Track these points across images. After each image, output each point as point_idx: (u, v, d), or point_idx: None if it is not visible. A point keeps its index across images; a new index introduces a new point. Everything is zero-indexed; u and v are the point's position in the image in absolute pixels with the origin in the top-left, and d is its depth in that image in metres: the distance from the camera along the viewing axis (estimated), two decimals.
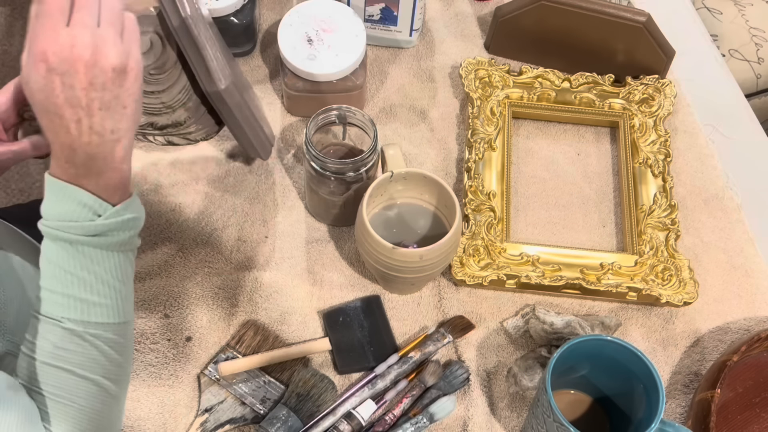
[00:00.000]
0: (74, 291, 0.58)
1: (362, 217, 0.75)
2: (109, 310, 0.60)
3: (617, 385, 0.72)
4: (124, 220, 0.59)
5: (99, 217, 0.58)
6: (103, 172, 0.58)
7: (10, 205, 1.47)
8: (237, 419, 0.76)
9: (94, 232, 0.58)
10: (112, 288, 0.60)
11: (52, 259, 0.58)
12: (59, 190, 0.57)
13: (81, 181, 0.57)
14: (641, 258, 0.84)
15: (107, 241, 0.59)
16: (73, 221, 0.57)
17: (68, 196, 0.57)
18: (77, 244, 0.57)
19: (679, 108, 0.98)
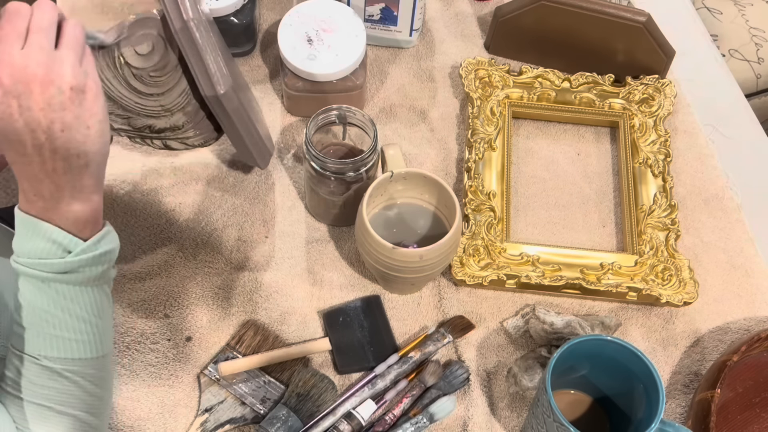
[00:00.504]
0: (49, 329, 0.58)
1: (362, 217, 0.75)
2: (86, 345, 0.59)
3: (617, 385, 0.72)
4: (96, 255, 0.58)
5: (69, 254, 0.57)
6: (71, 204, 0.57)
7: (10, 205, 1.47)
8: (237, 419, 0.76)
9: (64, 269, 0.57)
10: (87, 323, 0.59)
11: (26, 296, 0.57)
12: (28, 225, 0.56)
13: (50, 215, 0.56)
14: (641, 258, 0.84)
15: (79, 278, 0.58)
16: (43, 258, 0.56)
17: (37, 232, 0.56)
18: (48, 281, 0.57)
19: (679, 108, 0.98)
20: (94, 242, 0.58)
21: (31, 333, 0.58)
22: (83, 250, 0.57)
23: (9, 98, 0.53)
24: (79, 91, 0.55)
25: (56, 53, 0.55)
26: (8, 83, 0.53)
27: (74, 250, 0.57)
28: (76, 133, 0.55)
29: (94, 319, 0.59)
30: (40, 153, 0.54)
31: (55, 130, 0.54)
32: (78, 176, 0.56)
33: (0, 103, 0.53)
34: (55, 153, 0.55)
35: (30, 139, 0.54)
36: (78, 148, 0.55)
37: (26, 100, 0.53)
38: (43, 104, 0.53)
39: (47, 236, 0.56)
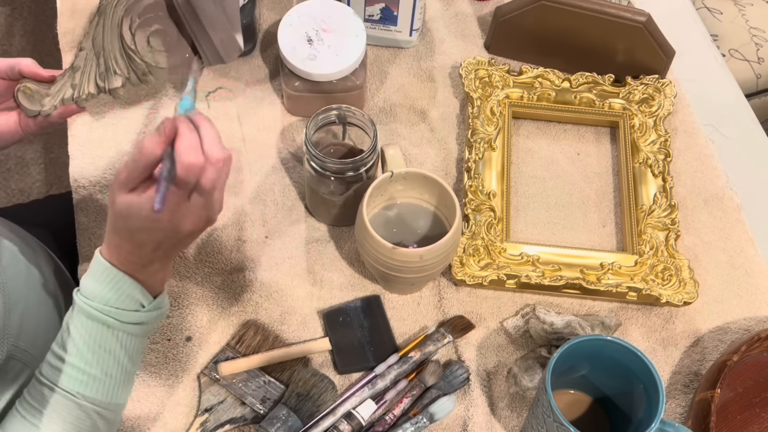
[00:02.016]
0: (95, 371, 0.61)
1: (362, 217, 0.75)
2: (117, 390, 0.63)
3: (617, 385, 0.72)
4: (161, 312, 0.63)
5: (143, 308, 0.61)
6: (156, 273, 0.62)
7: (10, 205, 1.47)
8: (237, 419, 0.76)
9: (137, 320, 0.61)
10: (124, 370, 0.63)
11: (82, 335, 0.61)
12: (112, 275, 0.60)
13: (136, 273, 0.61)
14: (641, 258, 0.84)
15: (142, 330, 0.63)
16: (119, 308, 0.60)
17: (120, 285, 0.60)
18: (115, 329, 0.61)
19: (679, 108, 0.98)
20: (161, 299, 0.63)
21: (75, 371, 0.61)
22: (153, 306, 0.62)
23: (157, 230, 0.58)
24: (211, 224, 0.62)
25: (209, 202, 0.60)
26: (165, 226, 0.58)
27: (147, 305, 0.62)
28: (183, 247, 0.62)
29: (130, 366, 0.64)
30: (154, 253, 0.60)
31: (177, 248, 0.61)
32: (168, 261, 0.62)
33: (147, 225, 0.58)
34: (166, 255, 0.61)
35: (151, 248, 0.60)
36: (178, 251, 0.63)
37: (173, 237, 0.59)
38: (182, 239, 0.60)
39: (129, 291, 0.61)
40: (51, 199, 1.11)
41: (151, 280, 0.62)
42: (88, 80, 0.75)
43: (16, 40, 1.99)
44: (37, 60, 0.75)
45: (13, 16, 2.04)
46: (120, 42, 0.76)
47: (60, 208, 0.94)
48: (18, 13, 2.05)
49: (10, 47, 1.98)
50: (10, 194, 1.78)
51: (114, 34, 0.75)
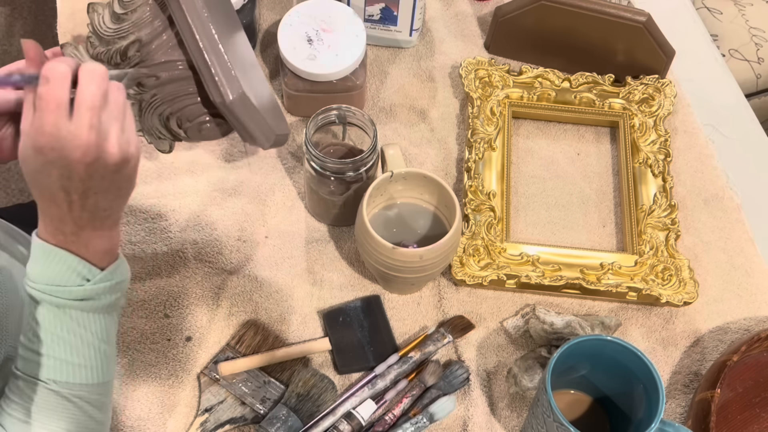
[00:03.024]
0: (60, 353, 0.58)
1: (362, 217, 0.75)
2: (93, 371, 0.60)
3: (617, 385, 0.72)
4: (112, 284, 0.59)
5: (88, 282, 0.58)
6: (91, 239, 0.57)
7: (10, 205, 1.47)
8: (237, 419, 0.76)
9: (82, 296, 0.58)
10: (96, 350, 0.60)
11: (38, 320, 0.58)
12: (47, 253, 0.57)
13: (69, 246, 0.57)
14: (641, 258, 0.84)
15: (95, 305, 0.59)
16: (61, 285, 0.57)
17: (57, 260, 0.57)
18: (64, 307, 0.57)
19: (679, 108, 0.98)
20: (111, 271, 0.59)
21: (42, 357, 0.58)
22: (101, 278, 0.58)
23: (50, 167, 0.53)
24: (122, 163, 0.55)
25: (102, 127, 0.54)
26: (54, 157, 0.52)
27: (93, 278, 0.58)
28: (108, 194, 0.56)
29: (103, 345, 0.60)
30: (70, 207, 0.55)
31: (89, 194, 0.55)
32: (100, 221, 0.57)
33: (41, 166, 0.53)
34: (83, 208, 0.56)
35: (62, 197, 0.55)
36: (105, 205, 0.57)
37: (68, 171, 0.53)
38: (84, 176, 0.54)
39: (67, 264, 0.57)
40: None
41: (89, 250, 0.57)
42: None
43: (16, 40, 1.99)
44: None
45: (13, 16, 2.04)
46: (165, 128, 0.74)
47: None
48: (18, 13, 2.05)
49: (10, 47, 1.98)
50: (10, 194, 1.78)
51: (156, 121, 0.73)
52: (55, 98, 0.52)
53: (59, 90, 0.52)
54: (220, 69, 0.69)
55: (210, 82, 0.70)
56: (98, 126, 0.53)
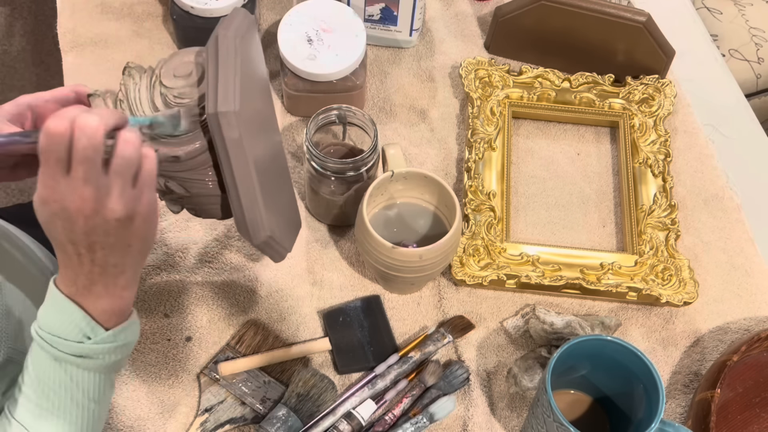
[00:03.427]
0: (47, 405, 0.58)
1: (362, 217, 0.75)
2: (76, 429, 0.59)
3: (617, 385, 0.72)
4: (115, 346, 0.58)
5: (88, 340, 0.57)
6: (101, 297, 0.57)
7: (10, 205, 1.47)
8: (237, 419, 0.76)
9: (80, 353, 0.57)
10: (84, 409, 0.59)
11: (35, 365, 0.58)
12: (57, 302, 0.57)
13: (80, 299, 0.57)
14: (641, 258, 0.84)
15: (93, 364, 0.58)
16: (62, 338, 0.57)
17: (63, 312, 0.57)
18: (61, 360, 0.57)
19: (679, 108, 0.98)
20: (115, 333, 0.58)
21: (29, 402, 0.58)
22: (103, 339, 0.58)
23: (54, 218, 0.53)
24: (126, 219, 0.54)
25: (103, 182, 0.53)
26: (55, 208, 0.53)
27: (94, 337, 0.57)
28: (116, 251, 0.55)
29: (92, 405, 0.60)
30: (80, 260, 0.55)
31: (96, 248, 0.54)
32: (112, 279, 0.57)
33: (46, 218, 0.54)
34: (93, 262, 0.55)
35: (71, 249, 0.55)
36: (115, 261, 0.56)
37: (70, 224, 0.53)
38: (86, 229, 0.53)
39: (71, 318, 0.57)
40: None
41: (97, 308, 0.57)
42: None
43: (16, 40, 1.99)
44: (37, 60, 0.74)
45: (13, 16, 2.04)
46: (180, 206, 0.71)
47: None
48: (18, 13, 2.05)
49: (10, 47, 1.98)
50: (10, 194, 1.78)
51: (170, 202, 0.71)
52: (53, 154, 0.52)
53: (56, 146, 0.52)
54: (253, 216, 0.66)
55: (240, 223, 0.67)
56: (95, 180, 0.52)
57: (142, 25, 1.01)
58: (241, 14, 0.63)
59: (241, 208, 0.66)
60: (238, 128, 0.62)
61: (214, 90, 0.61)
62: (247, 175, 0.64)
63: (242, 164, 0.64)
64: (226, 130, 0.62)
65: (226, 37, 0.62)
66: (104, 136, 0.52)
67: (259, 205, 0.66)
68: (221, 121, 0.61)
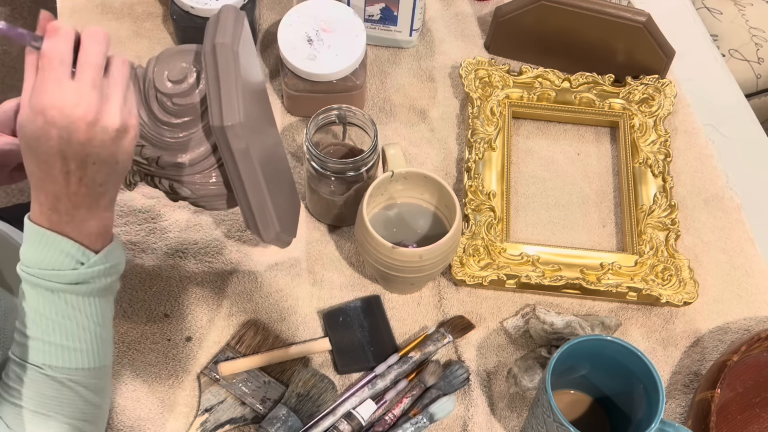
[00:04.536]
0: (55, 338, 0.58)
1: (362, 217, 0.75)
2: (89, 355, 0.59)
3: (617, 385, 0.72)
4: (107, 267, 0.58)
5: (82, 266, 0.57)
6: (86, 221, 0.57)
7: (10, 205, 1.47)
8: (237, 419, 0.76)
9: (76, 280, 0.57)
10: (92, 333, 0.59)
11: (32, 304, 0.57)
12: (40, 236, 0.56)
13: (63, 228, 0.56)
14: (641, 258, 0.84)
15: (89, 288, 0.58)
16: (55, 269, 0.56)
17: (50, 244, 0.56)
18: (58, 291, 0.57)
19: (679, 108, 0.98)
20: (105, 254, 0.58)
21: (36, 342, 0.58)
22: (95, 261, 0.58)
23: (50, 127, 0.52)
24: (122, 131, 0.55)
25: (106, 91, 0.54)
26: (54, 115, 0.52)
27: (87, 261, 0.57)
28: (105, 167, 0.55)
29: (98, 329, 0.60)
30: (66, 178, 0.54)
31: (87, 162, 0.54)
32: (95, 199, 0.57)
33: (40, 128, 0.52)
34: (81, 181, 0.55)
35: (60, 165, 0.54)
36: (103, 179, 0.56)
37: (68, 134, 0.52)
38: (84, 140, 0.53)
39: (61, 248, 0.56)
40: None
41: (83, 232, 0.56)
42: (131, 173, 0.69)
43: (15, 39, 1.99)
44: None
45: (13, 16, 2.04)
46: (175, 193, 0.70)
47: None
48: (18, 13, 2.05)
49: (11, 47, 1.98)
50: (10, 194, 1.78)
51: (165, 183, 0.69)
52: (58, 54, 0.52)
53: (63, 47, 0.52)
54: (263, 217, 0.67)
55: (250, 223, 0.67)
56: (100, 86, 0.53)
57: (142, 25, 1.01)
58: (232, 15, 0.63)
59: (251, 211, 0.67)
60: (245, 139, 0.62)
61: (218, 102, 0.61)
62: (256, 182, 0.65)
63: (251, 172, 0.64)
64: (233, 142, 0.62)
65: (224, 45, 0.61)
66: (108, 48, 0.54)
67: (268, 205, 0.67)
68: (228, 134, 0.62)
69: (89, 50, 0.53)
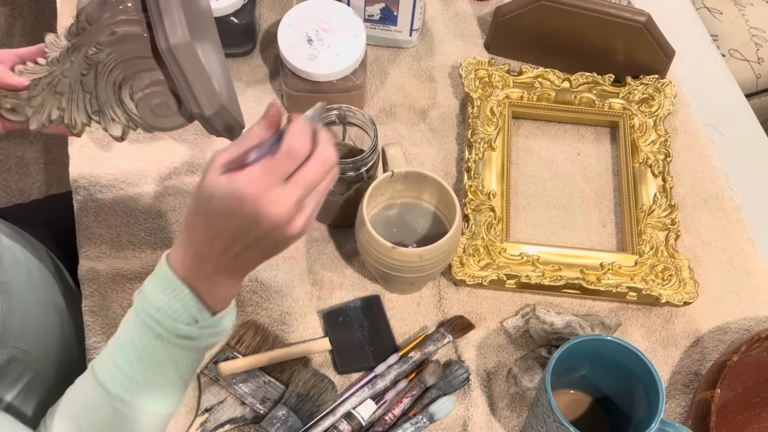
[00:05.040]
0: (137, 376, 0.58)
1: (362, 217, 0.75)
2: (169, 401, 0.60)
3: (617, 385, 0.72)
4: (217, 330, 0.59)
5: (196, 323, 0.57)
6: (219, 285, 0.57)
7: (10, 205, 1.47)
8: (237, 419, 0.76)
9: (185, 335, 0.57)
10: (173, 384, 0.60)
11: (133, 338, 0.58)
12: (171, 283, 0.56)
13: (197, 285, 0.56)
14: (641, 258, 0.84)
15: (193, 345, 0.58)
16: (171, 319, 0.56)
17: (177, 295, 0.56)
18: (163, 340, 0.57)
19: (679, 108, 0.98)
20: (219, 318, 0.58)
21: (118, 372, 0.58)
22: (209, 323, 0.58)
23: (238, 216, 0.53)
24: (298, 237, 0.56)
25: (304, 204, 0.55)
26: (249, 209, 0.52)
27: (201, 321, 0.57)
28: (265, 255, 0.56)
29: (181, 381, 0.60)
30: (224, 252, 0.55)
31: (252, 249, 0.55)
32: (240, 273, 0.58)
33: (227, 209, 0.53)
34: (236, 258, 0.55)
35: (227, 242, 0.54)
36: (254, 262, 0.57)
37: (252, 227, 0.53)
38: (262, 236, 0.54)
39: (184, 303, 0.56)
40: (51, 199, 1.11)
41: (212, 295, 0.57)
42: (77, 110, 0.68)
43: (16, 40, 1.99)
44: None
45: (13, 16, 2.04)
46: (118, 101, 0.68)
47: (60, 209, 0.93)
48: (18, 13, 2.05)
49: (10, 47, 1.98)
50: (10, 194, 1.78)
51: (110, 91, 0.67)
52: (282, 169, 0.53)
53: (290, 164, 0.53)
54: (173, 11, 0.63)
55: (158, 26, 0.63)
56: (300, 204, 0.54)
57: None
58: None
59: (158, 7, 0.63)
60: None
61: None
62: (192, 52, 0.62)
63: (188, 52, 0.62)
64: None
65: None
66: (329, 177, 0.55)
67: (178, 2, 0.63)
68: None
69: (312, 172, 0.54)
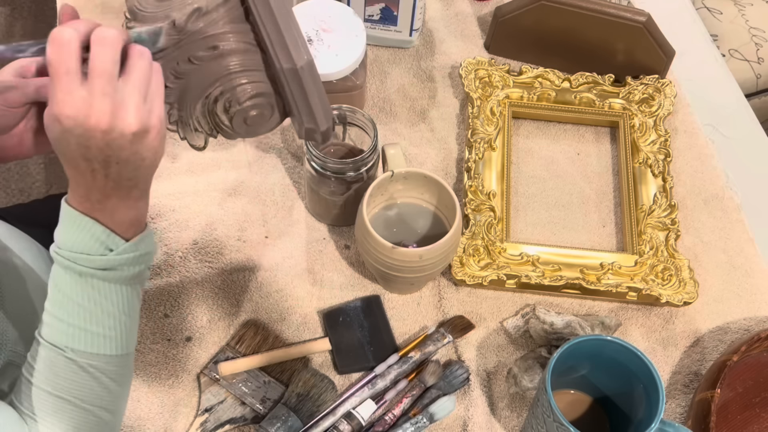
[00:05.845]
0: (79, 322, 0.58)
1: (362, 217, 0.75)
2: (112, 342, 0.59)
3: (617, 385, 0.72)
4: (136, 255, 0.58)
5: (111, 252, 0.57)
6: (117, 209, 0.57)
7: (10, 205, 1.47)
8: (237, 419, 0.76)
9: (104, 266, 0.57)
10: (117, 321, 0.59)
11: (60, 286, 0.58)
12: (74, 219, 0.56)
13: (96, 214, 0.56)
14: (641, 258, 0.84)
15: (117, 275, 0.58)
16: (84, 253, 0.56)
17: (82, 228, 0.56)
18: (87, 276, 0.57)
19: (679, 108, 0.98)
20: (135, 243, 0.58)
21: (61, 324, 0.58)
22: (125, 249, 0.57)
23: (67, 135, 0.52)
24: (141, 133, 0.54)
25: (120, 95, 0.52)
26: (69, 124, 0.52)
27: (116, 248, 0.57)
28: (130, 165, 0.55)
29: (123, 317, 0.60)
30: (93, 175, 0.54)
31: (110, 163, 0.54)
32: (125, 192, 0.57)
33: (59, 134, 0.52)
34: (107, 177, 0.55)
35: (84, 165, 0.54)
36: (130, 174, 0.56)
37: (85, 140, 0.52)
38: (102, 145, 0.53)
39: (91, 233, 0.56)
40: (51, 199, 1.11)
41: (113, 220, 0.56)
42: None
43: (16, 40, 1.99)
44: None
45: (13, 16, 2.04)
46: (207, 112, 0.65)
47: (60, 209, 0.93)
48: (18, 13, 2.05)
49: None
50: (10, 194, 1.78)
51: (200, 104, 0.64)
52: (63, 64, 0.51)
53: (66, 55, 0.51)
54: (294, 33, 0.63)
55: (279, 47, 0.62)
56: (113, 93, 0.52)
57: None
58: None
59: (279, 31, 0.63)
60: None
61: None
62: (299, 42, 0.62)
63: None
64: None
65: None
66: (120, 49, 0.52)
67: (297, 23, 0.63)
68: None
69: (98, 57, 0.52)
